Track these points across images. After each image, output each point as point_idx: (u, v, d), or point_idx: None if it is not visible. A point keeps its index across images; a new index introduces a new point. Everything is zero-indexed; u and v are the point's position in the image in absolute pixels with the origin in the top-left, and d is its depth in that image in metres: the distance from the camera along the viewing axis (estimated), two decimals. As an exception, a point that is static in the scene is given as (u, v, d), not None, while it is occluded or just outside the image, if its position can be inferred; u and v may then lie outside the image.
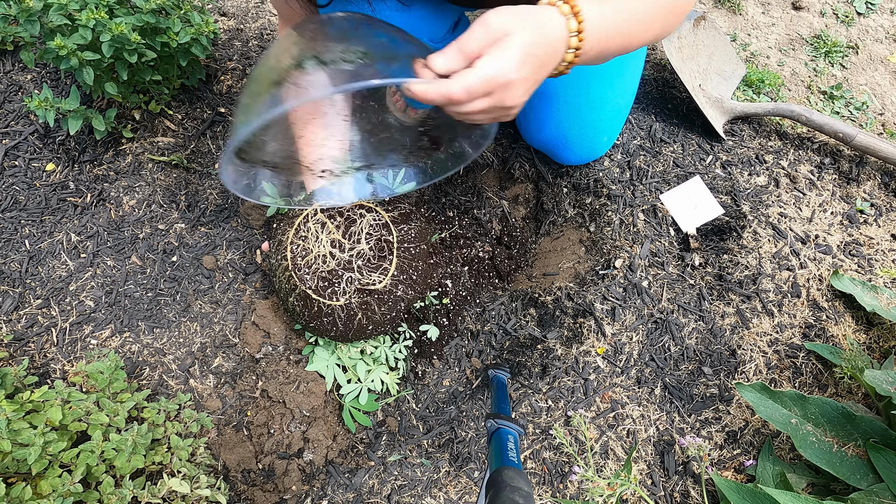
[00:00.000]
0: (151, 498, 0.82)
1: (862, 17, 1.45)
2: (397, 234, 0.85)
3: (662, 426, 1.03)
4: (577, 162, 1.15)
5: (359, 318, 0.85)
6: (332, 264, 0.83)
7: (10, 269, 1.13)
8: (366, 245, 0.85)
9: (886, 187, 1.21)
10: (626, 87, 1.04)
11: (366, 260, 0.85)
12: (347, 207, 0.86)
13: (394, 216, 0.86)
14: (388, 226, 0.85)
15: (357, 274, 0.84)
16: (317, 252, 0.83)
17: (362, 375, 0.95)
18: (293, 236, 0.83)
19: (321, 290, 0.83)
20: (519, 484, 0.57)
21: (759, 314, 1.09)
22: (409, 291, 0.86)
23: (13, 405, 0.78)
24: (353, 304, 0.83)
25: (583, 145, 1.05)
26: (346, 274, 0.84)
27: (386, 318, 0.87)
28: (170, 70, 1.16)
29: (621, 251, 1.14)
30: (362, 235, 0.85)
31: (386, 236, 0.85)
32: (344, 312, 0.84)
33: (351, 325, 0.85)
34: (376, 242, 0.85)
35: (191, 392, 1.04)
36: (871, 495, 0.81)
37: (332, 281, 0.83)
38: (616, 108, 1.04)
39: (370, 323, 0.87)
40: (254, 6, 1.40)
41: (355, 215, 0.86)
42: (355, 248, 0.84)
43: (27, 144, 1.23)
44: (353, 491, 0.98)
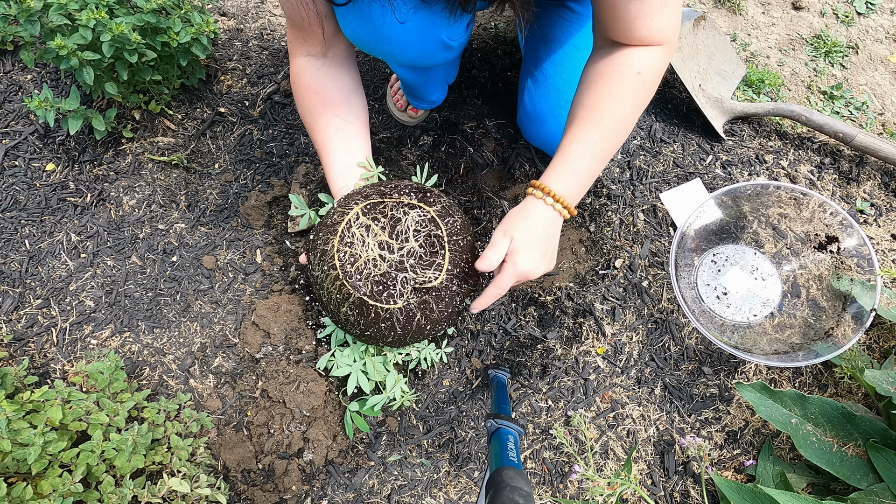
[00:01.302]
0: (151, 497, 0.82)
1: (862, 17, 1.45)
2: (445, 227, 0.82)
3: (662, 426, 1.03)
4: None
5: (417, 319, 0.82)
6: (383, 267, 0.81)
7: (10, 269, 1.13)
8: (415, 242, 0.82)
9: (886, 187, 1.21)
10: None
11: (417, 258, 0.82)
12: (390, 207, 0.84)
13: (437, 210, 0.84)
14: (435, 220, 0.83)
15: (411, 273, 0.81)
16: (366, 257, 0.81)
17: (389, 384, 0.93)
18: (339, 244, 0.80)
19: (377, 294, 0.80)
20: (519, 484, 0.57)
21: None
22: (463, 285, 0.83)
23: (13, 405, 0.78)
24: (412, 305, 0.80)
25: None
26: (400, 275, 0.81)
27: (443, 315, 0.84)
28: (170, 70, 1.16)
29: (621, 251, 1.14)
30: (409, 233, 0.82)
31: (434, 231, 0.82)
32: (402, 315, 0.81)
33: (409, 327, 0.82)
34: (425, 238, 0.82)
35: (191, 392, 1.04)
36: (871, 495, 0.81)
37: (386, 284, 0.80)
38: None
39: (428, 322, 0.84)
40: (254, 6, 1.40)
41: (399, 213, 0.84)
42: (405, 247, 0.82)
43: (27, 144, 1.23)
44: (353, 491, 0.98)
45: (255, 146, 1.24)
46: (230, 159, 1.23)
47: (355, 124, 0.92)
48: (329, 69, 0.88)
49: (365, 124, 0.95)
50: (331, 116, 0.90)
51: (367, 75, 1.29)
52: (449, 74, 1.11)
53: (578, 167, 0.70)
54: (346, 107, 0.91)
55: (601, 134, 0.69)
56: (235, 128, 1.26)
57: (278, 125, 1.26)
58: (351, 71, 0.92)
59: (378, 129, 1.23)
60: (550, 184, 0.71)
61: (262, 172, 1.21)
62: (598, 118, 0.68)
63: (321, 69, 0.88)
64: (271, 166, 1.22)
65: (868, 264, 1.02)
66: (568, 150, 0.70)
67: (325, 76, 0.88)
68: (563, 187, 0.71)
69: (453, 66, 1.11)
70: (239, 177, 1.21)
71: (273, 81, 1.30)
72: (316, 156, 1.22)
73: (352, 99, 0.92)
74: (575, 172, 0.71)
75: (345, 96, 0.91)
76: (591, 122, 0.69)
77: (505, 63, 1.31)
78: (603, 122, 0.68)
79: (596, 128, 0.69)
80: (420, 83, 1.04)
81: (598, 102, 0.68)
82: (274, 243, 1.16)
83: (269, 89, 1.29)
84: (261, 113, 1.27)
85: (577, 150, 0.70)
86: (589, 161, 0.70)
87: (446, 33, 0.77)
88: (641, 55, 0.67)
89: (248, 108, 1.27)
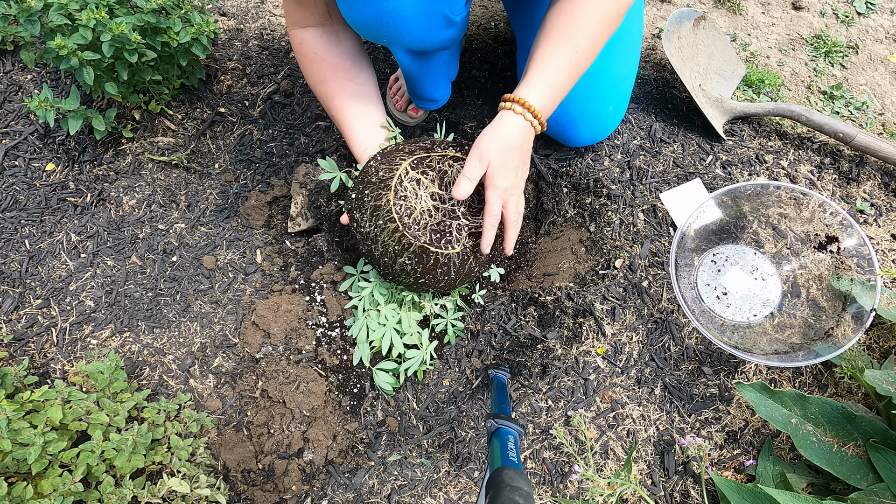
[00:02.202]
0: (151, 498, 0.82)
1: (862, 17, 1.45)
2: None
3: (662, 426, 1.03)
4: (587, 141, 1.12)
5: (469, 262, 0.90)
6: (438, 216, 0.87)
7: (10, 269, 1.13)
8: None
9: (886, 187, 1.21)
10: (626, 56, 1.02)
11: (467, 206, 0.89)
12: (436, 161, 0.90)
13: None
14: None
15: (464, 220, 0.88)
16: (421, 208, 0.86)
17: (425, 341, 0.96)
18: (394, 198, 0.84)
19: (436, 241, 0.86)
20: (519, 484, 0.57)
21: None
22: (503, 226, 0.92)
23: (13, 405, 0.78)
24: (467, 249, 0.88)
25: (589, 120, 1.04)
26: (454, 222, 0.87)
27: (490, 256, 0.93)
28: (170, 70, 1.16)
29: (621, 251, 1.14)
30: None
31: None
32: (458, 259, 0.87)
33: (462, 270, 0.90)
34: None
35: (191, 392, 1.04)
36: (871, 495, 0.81)
37: (443, 231, 0.87)
38: (618, 77, 1.02)
39: (477, 265, 0.92)
40: (254, 6, 1.40)
41: (445, 166, 0.89)
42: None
43: (27, 144, 1.23)
44: (353, 491, 0.98)
45: (255, 146, 1.24)
46: (230, 159, 1.23)
47: (367, 86, 0.93)
48: (333, 36, 0.88)
49: (376, 87, 0.96)
50: (343, 81, 0.90)
51: (367, 75, 1.29)
52: (450, 69, 1.11)
53: (554, 80, 0.70)
54: (357, 70, 0.92)
55: (574, 47, 0.68)
56: (235, 128, 1.26)
57: (278, 125, 1.26)
58: (354, 36, 0.92)
59: (378, 129, 1.23)
60: (527, 96, 0.70)
61: (262, 172, 1.21)
62: (567, 33, 0.68)
63: (325, 37, 0.87)
64: (271, 166, 1.22)
65: (868, 264, 1.02)
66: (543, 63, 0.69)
67: (329, 43, 0.88)
68: (539, 100, 0.70)
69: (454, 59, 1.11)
70: (239, 177, 1.21)
71: (273, 81, 1.30)
72: (316, 155, 1.22)
73: (360, 63, 0.93)
74: (550, 86, 0.70)
75: (353, 61, 0.91)
76: (562, 37, 0.68)
77: (505, 63, 1.31)
78: (573, 36, 0.68)
79: (565, 42, 0.68)
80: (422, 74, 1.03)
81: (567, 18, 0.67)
82: (274, 243, 1.16)
83: (269, 89, 1.29)
84: (261, 113, 1.27)
85: (553, 63, 0.69)
86: (564, 76, 0.70)
87: (448, 7, 0.77)
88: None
89: (248, 108, 1.27)
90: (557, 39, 0.68)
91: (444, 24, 0.80)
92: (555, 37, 0.69)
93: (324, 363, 1.03)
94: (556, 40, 0.68)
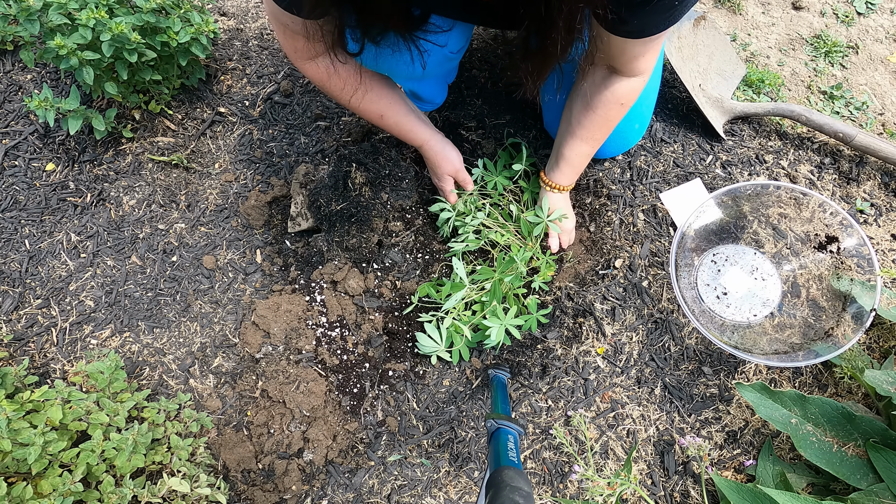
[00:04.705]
0: (151, 497, 0.82)
1: (862, 17, 1.45)
2: None
3: (662, 426, 1.03)
4: (610, 154, 1.19)
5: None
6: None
7: (10, 269, 1.13)
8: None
9: (886, 187, 1.21)
10: (652, 78, 1.03)
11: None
12: None
13: None
14: None
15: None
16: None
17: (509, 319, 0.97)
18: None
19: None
20: (519, 484, 0.57)
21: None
22: None
23: (13, 405, 0.78)
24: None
25: (615, 137, 1.07)
26: None
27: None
28: (170, 70, 1.16)
29: (621, 251, 1.14)
30: None
31: None
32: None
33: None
34: None
35: (191, 392, 1.04)
36: (871, 495, 0.81)
37: None
38: (644, 99, 1.04)
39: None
40: (254, 6, 1.40)
41: None
42: None
43: (27, 144, 1.23)
44: (353, 491, 0.98)
45: (255, 146, 1.24)
46: (230, 159, 1.23)
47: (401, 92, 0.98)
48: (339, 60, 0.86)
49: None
50: (387, 84, 0.93)
51: (367, 75, 1.29)
52: (449, 75, 1.12)
53: (577, 169, 1.01)
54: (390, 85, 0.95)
55: (591, 147, 0.96)
56: (235, 128, 1.26)
57: (278, 125, 1.26)
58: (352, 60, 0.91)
59: (378, 129, 1.23)
60: (560, 181, 1.03)
61: (262, 172, 1.21)
62: (590, 136, 0.93)
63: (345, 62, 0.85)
64: (271, 166, 1.22)
65: (868, 264, 1.02)
66: (570, 159, 0.98)
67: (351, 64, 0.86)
68: (566, 181, 1.03)
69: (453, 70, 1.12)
70: (239, 177, 1.21)
71: (273, 81, 1.30)
72: (316, 155, 1.22)
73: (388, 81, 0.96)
74: (574, 173, 1.02)
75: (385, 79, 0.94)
76: (584, 140, 0.94)
77: (505, 63, 1.31)
78: (594, 139, 0.94)
79: (588, 143, 0.95)
80: (421, 87, 1.05)
81: (592, 126, 0.91)
82: (274, 243, 1.16)
83: (269, 89, 1.29)
84: (261, 113, 1.27)
85: (576, 160, 0.98)
86: (582, 164, 1.01)
87: (457, 46, 0.79)
88: (627, 88, 0.83)
89: (248, 108, 1.27)
90: (581, 142, 0.94)
91: (444, 59, 0.86)
92: (578, 140, 0.94)
93: (324, 363, 1.03)
94: (579, 143, 0.94)
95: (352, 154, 1.06)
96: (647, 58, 0.77)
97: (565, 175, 1.01)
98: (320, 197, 1.12)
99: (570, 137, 0.94)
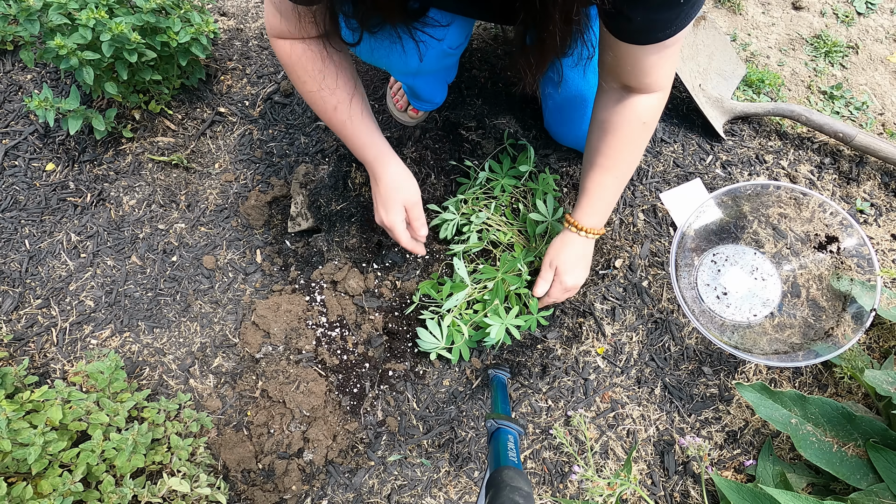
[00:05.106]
0: (151, 497, 0.82)
1: (862, 17, 1.45)
2: None
3: (662, 426, 1.03)
4: None
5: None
6: None
7: (10, 269, 1.13)
8: None
9: (886, 187, 1.21)
10: None
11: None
12: None
13: None
14: None
15: None
16: None
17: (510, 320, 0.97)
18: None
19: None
20: (519, 484, 0.57)
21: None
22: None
23: (13, 405, 0.78)
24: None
25: None
26: None
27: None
28: (170, 70, 1.16)
29: (621, 251, 1.14)
30: None
31: None
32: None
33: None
34: None
35: (191, 392, 1.04)
36: (871, 495, 0.81)
37: None
38: None
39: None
40: (254, 6, 1.40)
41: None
42: None
43: (27, 144, 1.23)
44: (353, 491, 0.98)
45: (255, 146, 1.24)
46: (230, 159, 1.23)
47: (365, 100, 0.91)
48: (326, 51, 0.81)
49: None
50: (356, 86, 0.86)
51: (366, 75, 1.29)
52: (448, 75, 1.11)
53: (601, 206, 0.87)
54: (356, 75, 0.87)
55: (615, 177, 0.83)
56: (235, 128, 1.26)
57: (278, 125, 1.26)
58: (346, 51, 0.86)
59: (378, 129, 1.23)
60: (581, 220, 0.89)
61: (262, 172, 1.21)
62: (612, 164, 0.82)
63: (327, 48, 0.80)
64: (271, 166, 1.22)
65: (868, 264, 1.02)
66: (591, 193, 0.86)
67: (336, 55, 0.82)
68: (590, 222, 0.89)
69: (453, 67, 1.12)
70: (239, 177, 1.21)
71: (273, 81, 1.30)
72: (316, 155, 1.22)
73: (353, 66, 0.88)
74: (598, 211, 0.88)
75: (352, 66, 0.87)
76: (607, 169, 0.82)
77: (505, 63, 1.31)
78: (617, 167, 0.82)
79: (611, 172, 0.83)
80: (419, 85, 1.05)
81: (612, 152, 0.81)
82: (274, 243, 1.16)
83: (269, 89, 1.29)
84: (261, 113, 1.27)
85: (598, 193, 0.86)
86: (608, 199, 0.87)
87: (456, 42, 0.78)
88: (645, 105, 0.76)
89: (248, 108, 1.27)
90: (602, 172, 0.83)
91: (441, 55, 0.83)
92: (600, 170, 0.83)
93: (324, 363, 1.03)
94: (601, 173, 0.83)
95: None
96: (662, 71, 0.71)
97: (586, 213, 0.88)
98: (320, 197, 1.12)
99: (591, 168, 0.85)
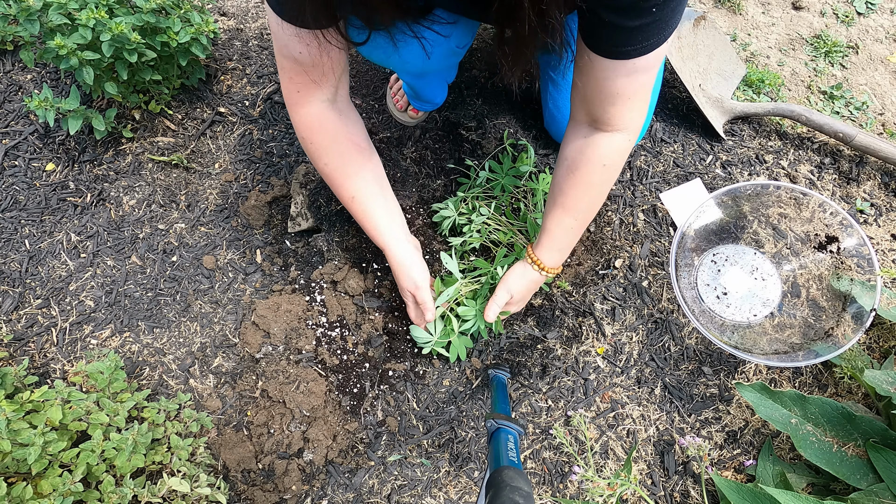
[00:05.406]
0: (152, 497, 0.82)
1: (862, 17, 1.45)
2: None
3: (662, 426, 1.03)
4: None
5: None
6: None
7: (10, 269, 1.13)
8: None
9: (886, 187, 1.21)
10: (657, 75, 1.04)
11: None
12: None
13: None
14: None
15: None
16: None
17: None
18: None
19: None
20: (519, 484, 0.57)
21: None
22: None
23: (13, 405, 0.78)
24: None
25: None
26: None
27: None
28: (170, 70, 1.16)
29: (621, 251, 1.14)
30: None
31: None
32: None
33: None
34: None
35: (191, 392, 1.04)
36: (871, 495, 0.81)
37: None
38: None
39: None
40: (254, 6, 1.40)
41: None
42: None
43: (27, 144, 1.23)
44: (353, 491, 0.98)
45: (255, 146, 1.24)
46: (230, 159, 1.23)
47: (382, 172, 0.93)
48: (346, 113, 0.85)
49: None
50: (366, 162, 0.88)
51: (366, 75, 1.29)
52: (448, 74, 1.12)
53: (559, 245, 0.90)
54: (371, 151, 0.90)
55: (574, 218, 0.86)
56: (235, 128, 1.26)
57: (278, 125, 1.26)
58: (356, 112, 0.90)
59: (378, 129, 1.23)
60: (541, 257, 0.91)
61: (262, 172, 1.21)
62: (572, 206, 0.84)
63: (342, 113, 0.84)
64: (271, 166, 1.22)
65: (868, 264, 1.02)
66: (551, 232, 0.89)
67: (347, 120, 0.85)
68: (549, 261, 0.92)
69: (453, 67, 1.12)
70: (239, 177, 1.21)
71: (273, 81, 1.30)
72: (316, 156, 1.22)
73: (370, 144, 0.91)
74: (557, 250, 0.91)
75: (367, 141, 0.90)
76: (567, 209, 0.85)
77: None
78: (577, 209, 0.85)
79: (570, 214, 0.85)
80: (422, 85, 1.05)
81: (573, 192, 0.83)
82: (274, 243, 1.16)
83: (269, 89, 1.29)
84: (261, 113, 1.27)
85: (558, 233, 0.88)
86: (566, 240, 0.90)
87: (463, 41, 0.79)
88: (608, 146, 0.77)
89: (248, 108, 1.27)
90: (563, 212, 0.86)
91: (449, 54, 0.84)
92: (560, 209, 0.86)
93: (324, 363, 1.03)
94: (561, 213, 0.86)
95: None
96: (629, 104, 0.70)
97: (546, 249, 0.90)
98: (320, 197, 1.12)
99: (552, 206, 0.87)
